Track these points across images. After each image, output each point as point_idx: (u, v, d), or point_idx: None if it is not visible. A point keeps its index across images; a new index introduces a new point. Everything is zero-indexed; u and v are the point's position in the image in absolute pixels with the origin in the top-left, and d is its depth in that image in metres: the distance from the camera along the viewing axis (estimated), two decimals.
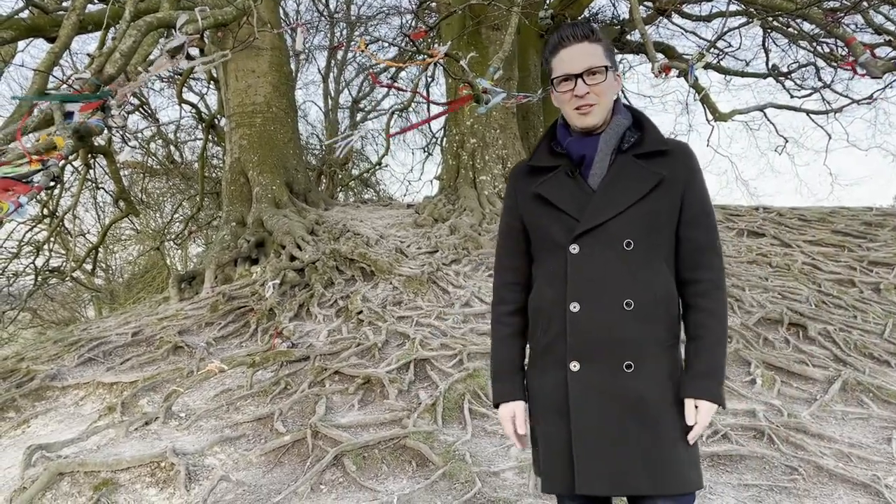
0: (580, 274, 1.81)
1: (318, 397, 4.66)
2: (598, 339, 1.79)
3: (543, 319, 1.89)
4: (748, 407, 4.57)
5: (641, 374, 1.78)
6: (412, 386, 4.86)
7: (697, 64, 4.28)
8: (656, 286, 1.82)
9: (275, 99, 10.00)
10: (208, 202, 15.80)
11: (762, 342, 5.73)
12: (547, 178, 1.90)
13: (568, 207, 1.84)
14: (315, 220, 8.98)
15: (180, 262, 19.82)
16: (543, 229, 1.90)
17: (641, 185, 1.81)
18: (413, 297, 6.67)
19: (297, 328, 6.10)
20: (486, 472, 3.67)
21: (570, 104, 1.83)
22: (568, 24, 1.88)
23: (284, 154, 9.98)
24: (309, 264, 7.42)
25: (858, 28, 10.08)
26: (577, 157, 1.87)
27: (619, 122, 1.87)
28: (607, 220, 1.80)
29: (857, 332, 5.91)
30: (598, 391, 1.79)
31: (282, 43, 10.69)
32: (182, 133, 16.70)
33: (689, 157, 1.89)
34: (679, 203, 1.85)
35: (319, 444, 4.04)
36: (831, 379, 5.00)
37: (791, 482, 3.66)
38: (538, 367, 1.93)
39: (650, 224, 1.82)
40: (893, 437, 4.16)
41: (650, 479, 1.76)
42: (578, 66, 1.80)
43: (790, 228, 8.95)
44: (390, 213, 10.42)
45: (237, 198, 9.58)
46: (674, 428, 1.80)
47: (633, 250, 1.80)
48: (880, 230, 8.61)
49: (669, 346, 1.85)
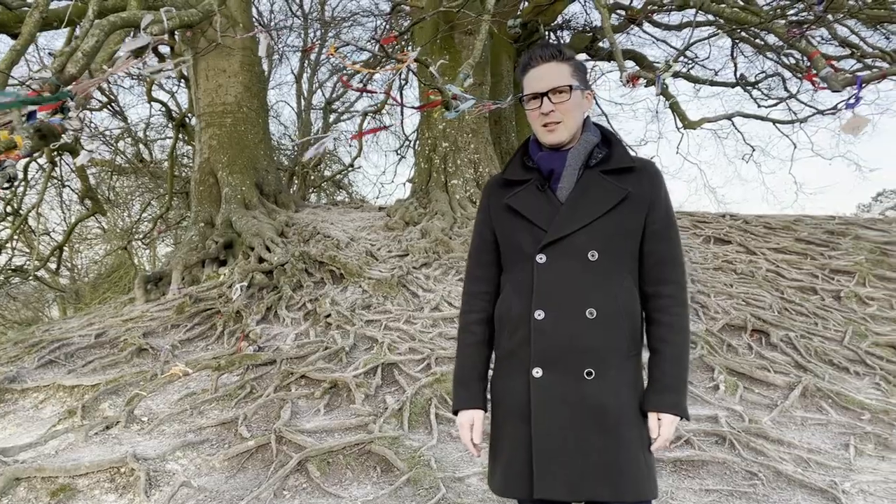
0: (546, 283, 1.87)
1: (283, 402, 4.62)
2: (561, 347, 1.84)
3: (509, 326, 1.93)
4: (711, 412, 4.63)
5: (602, 381, 1.82)
6: (379, 390, 4.85)
7: (665, 74, 4.34)
8: (619, 297, 1.87)
9: (246, 99, 9.92)
10: (178, 202, 15.61)
11: (726, 348, 5.82)
12: (518, 191, 1.97)
13: (537, 219, 1.90)
14: (285, 221, 8.92)
15: (149, 263, 19.56)
16: (513, 239, 1.96)
17: (607, 199, 1.88)
18: (383, 300, 6.65)
19: (265, 331, 6.05)
20: (450, 478, 3.67)
21: (538, 121, 1.92)
22: (538, 45, 1.98)
23: (255, 155, 9.90)
24: (278, 266, 7.36)
25: (825, 40, 10.30)
26: (547, 172, 1.95)
27: (588, 139, 1.96)
28: (573, 231, 1.86)
29: (817, 338, 6.02)
30: (560, 397, 1.83)
31: (253, 43, 10.60)
32: (152, 131, 16.50)
33: (655, 174, 1.96)
34: (643, 218, 1.92)
35: (283, 450, 4.01)
36: (792, 385, 5.10)
37: (751, 487, 3.71)
38: (502, 373, 1.97)
39: (614, 237, 1.88)
40: (851, 442, 4.24)
41: (608, 486, 1.79)
42: (544, 84, 1.89)
43: (755, 236, 9.09)
44: (362, 215, 10.38)
45: (206, 198, 9.47)
46: (633, 436, 1.84)
47: (598, 262, 1.86)
48: (842, 239, 8.78)
49: (631, 356, 1.89)
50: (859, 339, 6.04)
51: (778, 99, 12.94)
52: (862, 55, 8.13)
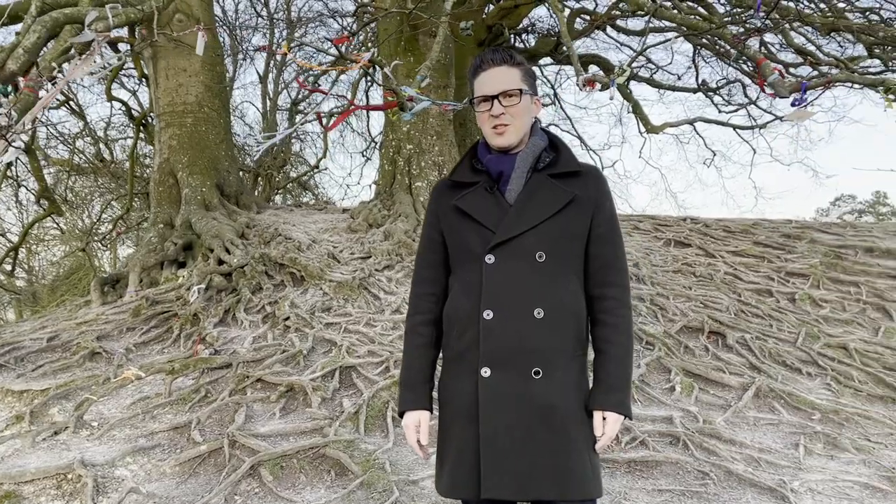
0: (494, 283, 1.89)
1: (238, 406, 4.56)
2: (509, 346, 1.86)
3: (458, 327, 1.95)
4: (666, 414, 4.68)
5: (549, 381, 1.86)
6: (336, 394, 4.81)
7: (618, 79, 4.39)
8: (565, 297, 1.92)
9: (207, 99, 9.78)
10: (139, 202, 15.34)
11: (683, 350, 5.89)
12: (467, 193, 2.00)
13: (485, 220, 1.93)
14: (246, 223, 8.82)
15: (109, 264, 19.20)
16: (462, 240, 1.98)
17: (554, 202, 1.93)
18: (343, 303, 6.61)
19: (222, 334, 5.96)
20: (404, 481, 3.65)
21: (488, 123, 1.96)
22: (490, 50, 1.99)
23: (216, 155, 9.77)
24: (237, 269, 7.27)
25: (782, 48, 10.50)
26: (496, 174, 1.98)
27: (536, 143, 2.00)
28: (521, 233, 1.90)
29: (772, 340, 6.13)
30: (508, 397, 1.85)
31: (216, 42, 10.48)
32: (113, 130, 16.19)
33: (600, 179, 2.03)
34: (589, 222, 1.97)
35: (236, 454, 3.96)
36: (746, 386, 5.18)
37: (702, 487, 3.76)
38: (451, 374, 1.99)
39: (561, 239, 1.93)
40: (801, 442, 4.32)
41: (555, 485, 1.82)
42: (495, 87, 1.93)
43: (715, 239, 9.23)
44: (324, 217, 10.31)
45: (165, 199, 9.32)
46: (579, 435, 1.87)
47: (545, 263, 1.90)
48: (798, 242, 8.95)
49: (577, 356, 1.93)
50: (812, 340, 6.16)
51: (738, 105, 13.18)
52: (817, 63, 8.31)
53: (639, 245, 8.90)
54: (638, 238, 9.32)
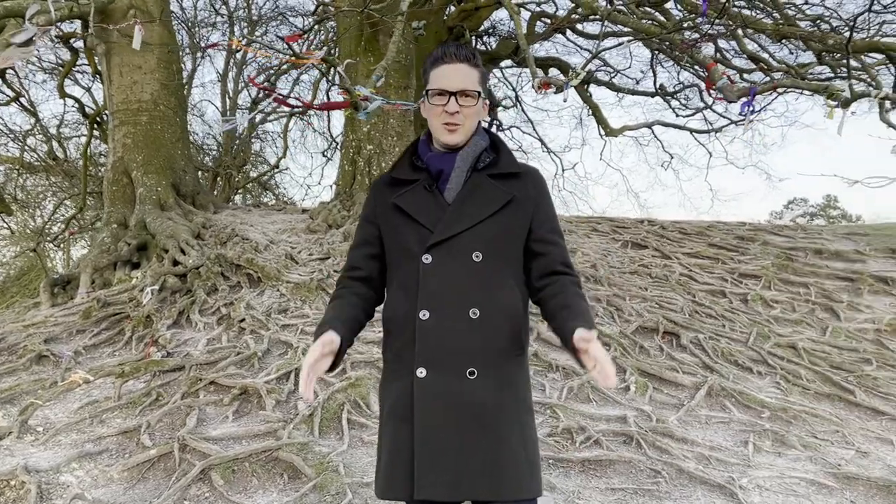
0: (431, 283, 1.88)
1: (190, 409, 4.48)
2: (445, 347, 1.85)
3: (396, 328, 1.94)
4: (621, 413, 4.74)
5: (484, 381, 1.85)
6: (291, 396, 4.75)
7: (572, 82, 4.44)
8: (502, 298, 1.91)
9: (163, 97, 9.60)
10: (93, 202, 15.00)
11: (638, 350, 5.97)
12: (406, 191, 1.97)
13: (423, 219, 1.91)
14: (202, 223, 8.68)
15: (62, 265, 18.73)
16: (399, 239, 1.96)
17: (493, 202, 1.92)
18: (300, 304, 6.54)
19: (175, 336, 5.86)
20: (358, 483, 3.63)
21: (439, 118, 1.92)
22: (453, 44, 1.96)
23: (172, 154, 9.60)
24: (192, 270, 7.15)
25: (737, 54, 10.71)
26: (436, 172, 1.96)
27: (477, 143, 1.99)
28: (459, 232, 1.88)
29: (724, 340, 6.25)
30: (442, 397, 1.84)
31: (173, 39, 10.30)
32: (66, 128, 15.81)
33: (539, 180, 2.03)
34: (528, 222, 1.97)
35: (187, 458, 3.88)
36: (699, 385, 5.26)
37: (654, 485, 3.81)
38: (389, 376, 1.98)
39: (499, 239, 1.92)
40: (750, 440, 4.41)
41: (489, 485, 1.81)
42: (455, 84, 1.89)
43: (671, 241, 9.38)
44: (283, 217, 10.21)
45: (119, 199, 9.13)
46: (514, 435, 1.86)
47: (482, 263, 1.89)
48: (751, 244, 9.16)
49: (515, 356, 1.93)
50: (763, 340, 6.30)
51: (695, 109, 13.44)
52: (769, 69, 8.50)
53: (596, 247, 9.00)
54: (596, 240, 9.43)
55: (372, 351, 5.42)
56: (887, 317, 7.01)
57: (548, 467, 3.98)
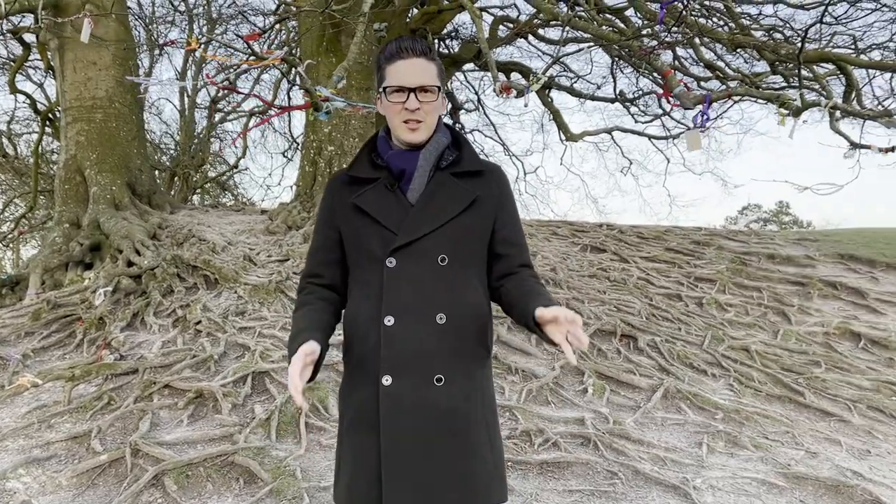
0: (396, 288, 1.81)
1: (143, 413, 4.39)
2: (411, 353, 1.78)
3: (358, 333, 1.85)
4: (578, 415, 4.78)
5: (452, 387, 1.79)
6: (248, 400, 4.69)
7: (533, 86, 4.47)
8: (469, 301, 1.85)
9: (118, 94, 9.40)
10: (44, 200, 14.62)
11: (596, 353, 6.03)
12: (366, 190, 1.89)
13: (386, 221, 1.83)
14: (158, 223, 8.52)
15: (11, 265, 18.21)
16: (361, 241, 1.87)
17: (457, 202, 1.85)
18: (259, 306, 6.45)
19: (129, 339, 5.73)
20: (315, 488, 3.59)
21: (399, 116, 1.83)
22: (408, 38, 1.87)
23: (127, 153, 9.40)
24: (147, 271, 7.01)
25: (693, 62, 10.93)
26: (398, 171, 1.88)
27: (440, 140, 1.90)
28: (424, 235, 1.81)
29: (680, 343, 6.35)
30: (410, 405, 1.77)
31: (129, 35, 10.09)
32: (17, 125, 15.38)
33: (502, 178, 1.97)
34: (492, 223, 1.91)
35: (140, 463, 3.80)
36: (655, 387, 5.34)
37: (611, 486, 3.84)
38: (352, 383, 1.89)
39: (464, 241, 1.86)
40: (704, 441, 4.48)
41: (458, 493, 1.77)
42: (414, 80, 1.81)
43: (629, 245, 9.51)
44: (242, 218, 10.07)
45: (72, 197, 8.91)
46: (481, 442, 1.82)
47: (448, 266, 1.82)
48: (706, 249, 9.34)
49: (481, 361, 1.89)
50: (717, 343, 6.42)
51: (653, 115, 13.65)
52: (724, 77, 8.70)
53: (556, 250, 9.08)
54: (556, 243, 9.51)
55: (331, 354, 5.37)
56: (836, 320, 7.21)
57: (507, 470, 3.99)
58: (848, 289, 8.19)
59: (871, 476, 4.08)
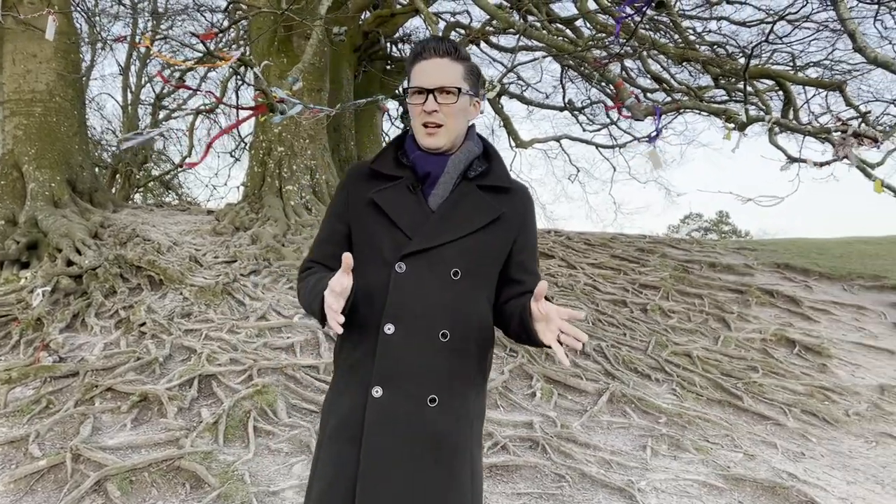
0: (402, 295, 1.70)
1: (84, 417, 4.26)
2: (409, 367, 1.69)
3: (353, 338, 1.75)
4: (527, 419, 4.84)
5: (445, 411, 1.70)
6: (194, 403, 4.60)
7: (489, 94, 4.52)
8: (475, 321, 1.76)
9: (59, 88, 9.11)
10: None
11: (544, 357, 6.11)
12: (387, 188, 1.79)
13: (402, 222, 1.74)
14: (100, 222, 8.28)
15: None
16: (371, 240, 1.77)
17: (480, 216, 1.76)
18: (205, 308, 6.34)
19: (68, 340, 5.55)
20: (264, 492, 3.55)
21: (419, 119, 1.76)
22: (434, 38, 1.80)
23: (68, 149, 9.11)
24: (88, 270, 6.80)
25: (640, 73, 11.21)
26: (423, 174, 1.79)
27: (470, 149, 1.82)
28: (441, 244, 1.72)
29: (625, 348, 6.50)
30: (398, 422, 1.68)
31: (71, 28, 9.79)
32: None
33: (529, 201, 1.88)
34: (510, 245, 1.81)
35: (81, 469, 3.69)
36: (601, 391, 5.45)
37: (558, 489, 3.91)
38: (339, 388, 1.79)
39: (480, 257, 1.77)
40: (648, 444, 4.60)
41: None
42: (433, 81, 1.72)
43: (576, 251, 9.68)
44: (187, 218, 9.87)
45: (8, 194, 8.58)
46: (464, 474, 1.73)
47: (459, 280, 1.73)
48: (651, 256, 9.57)
49: (477, 384, 1.80)
50: (661, 348, 6.59)
51: (601, 125, 13.95)
52: (670, 89, 8.94)
53: None
54: None
55: (280, 357, 5.32)
56: (772, 327, 7.48)
57: None
58: (784, 297, 8.50)
59: (805, 478, 4.25)
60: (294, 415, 4.55)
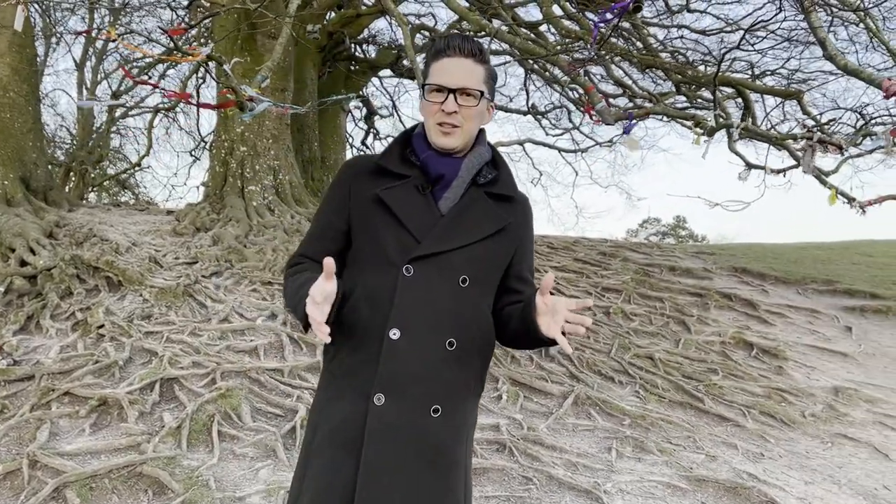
0: (409, 300, 1.65)
1: (41, 421, 4.13)
2: (414, 375, 1.64)
3: (352, 339, 1.69)
4: (493, 421, 4.85)
5: (447, 421, 1.68)
6: (156, 407, 4.50)
7: None
8: (480, 331, 1.74)
9: (13, 83, 8.85)
10: None
11: (510, 360, 6.14)
12: (395, 186, 1.73)
13: (411, 224, 1.68)
14: (55, 221, 8.05)
15: None
16: (376, 239, 1.71)
17: (489, 224, 1.73)
18: (166, 310, 6.21)
19: (23, 343, 5.39)
20: (230, 498, 3.49)
21: (434, 117, 1.70)
22: (459, 35, 1.74)
23: (22, 145, 8.86)
24: (43, 271, 6.61)
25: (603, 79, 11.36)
26: (435, 175, 1.74)
27: (482, 154, 1.79)
28: (451, 249, 1.68)
29: (589, 351, 6.56)
30: (402, 433, 1.63)
31: (27, 22, 9.51)
32: None
33: (529, 211, 1.87)
34: (512, 253, 1.80)
35: (38, 475, 3.57)
36: (566, 394, 5.50)
37: (526, 492, 3.93)
38: (334, 393, 1.72)
39: (486, 265, 1.75)
40: (613, 446, 4.65)
41: None
42: (456, 81, 1.68)
43: (540, 255, 9.74)
44: (146, 218, 9.67)
45: None
46: (460, 483, 1.72)
47: (467, 288, 1.70)
48: (613, 260, 9.69)
49: (476, 395, 1.80)
50: (623, 351, 6.68)
51: (564, 129, 14.11)
52: (633, 95, 9.08)
53: None
54: None
55: (243, 360, 5.25)
56: (731, 330, 7.63)
57: None
58: (741, 300, 8.69)
59: (764, 478, 4.35)
60: (259, 419, 4.49)
